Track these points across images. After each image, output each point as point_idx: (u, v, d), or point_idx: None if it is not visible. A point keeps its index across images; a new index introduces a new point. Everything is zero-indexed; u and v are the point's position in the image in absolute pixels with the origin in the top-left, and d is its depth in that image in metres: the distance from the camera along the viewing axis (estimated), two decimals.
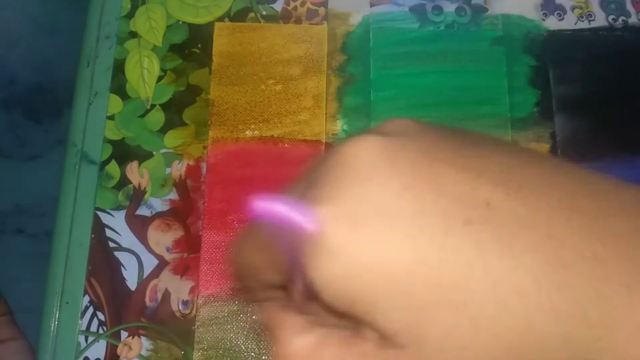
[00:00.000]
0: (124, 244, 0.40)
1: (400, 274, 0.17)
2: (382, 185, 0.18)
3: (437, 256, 0.17)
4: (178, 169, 0.42)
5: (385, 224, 0.17)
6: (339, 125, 0.42)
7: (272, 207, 0.19)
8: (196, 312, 0.39)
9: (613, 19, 0.44)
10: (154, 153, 0.42)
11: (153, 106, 0.43)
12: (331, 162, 0.19)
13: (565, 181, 0.18)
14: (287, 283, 0.21)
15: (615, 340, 0.16)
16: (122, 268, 0.40)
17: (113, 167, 0.42)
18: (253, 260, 0.22)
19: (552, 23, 0.44)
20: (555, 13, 0.44)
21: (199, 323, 0.38)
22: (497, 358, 0.17)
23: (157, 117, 0.43)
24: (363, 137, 0.19)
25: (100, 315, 0.39)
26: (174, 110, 0.43)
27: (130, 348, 0.38)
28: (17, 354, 0.39)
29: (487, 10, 0.44)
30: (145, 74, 0.44)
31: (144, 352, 0.38)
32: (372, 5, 0.44)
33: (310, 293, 0.19)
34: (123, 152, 0.42)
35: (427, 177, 0.18)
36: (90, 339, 0.39)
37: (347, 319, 0.19)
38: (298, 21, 0.44)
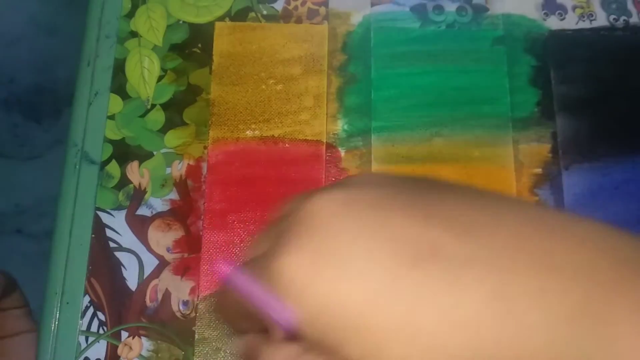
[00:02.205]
0: (125, 244, 0.40)
1: (356, 313, 0.19)
2: (338, 236, 0.20)
3: (388, 294, 0.19)
4: (178, 169, 0.42)
5: (341, 269, 0.19)
6: (340, 125, 0.42)
7: (236, 278, 0.22)
8: (197, 312, 0.39)
9: (614, 18, 0.44)
10: (155, 153, 0.42)
11: (153, 106, 0.43)
12: (296, 217, 0.22)
13: (513, 223, 0.20)
14: (265, 328, 0.23)
15: None
16: (122, 268, 0.40)
17: (113, 167, 0.42)
18: (229, 315, 0.24)
19: (553, 23, 0.44)
20: (557, 13, 0.44)
21: (199, 323, 0.38)
22: None
23: (158, 117, 0.43)
24: (324, 192, 0.21)
25: (101, 316, 0.39)
26: (175, 110, 0.43)
27: (130, 348, 0.38)
28: (33, 346, 0.39)
29: (488, 10, 0.44)
30: (145, 73, 0.44)
31: (144, 353, 0.38)
32: (372, 4, 0.44)
33: (287, 334, 0.21)
34: (123, 152, 0.42)
35: (378, 225, 0.20)
36: (91, 339, 0.39)
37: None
38: (299, 21, 0.44)
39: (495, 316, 0.18)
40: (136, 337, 0.38)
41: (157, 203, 0.41)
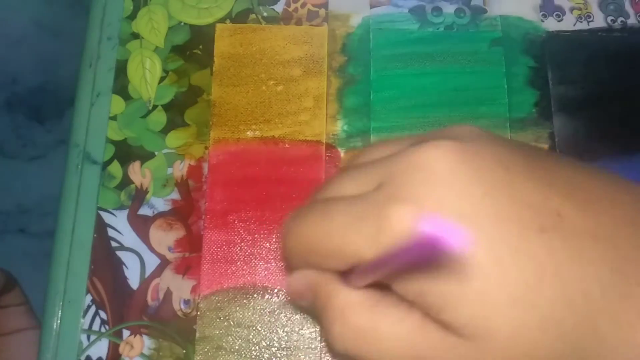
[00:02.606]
0: (126, 244, 0.40)
1: (480, 274, 0.18)
2: (463, 191, 0.19)
3: (512, 258, 0.18)
4: (180, 169, 0.42)
5: (468, 227, 0.18)
6: (339, 126, 0.42)
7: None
8: (198, 311, 0.39)
9: (612, 20, 0.44)
10: (156, 153, 0.42)
11: (155, 107, 0.43)
12: (408, 164, 0.19)
13: (626, 197, 0.19)
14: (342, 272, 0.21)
15: None
16: (124, 267, 0.40)
17: (115, 167, 0.42)
18: (315, 243, 0.21)
19: (551, 24, 0.44)
20: (554, 14, 0.44)
21: (200, 322, 0.39)
22: (561, 358, 0.18)
23: (159, 118, 0.43)
24: (438, 142, 0.20)
25: (102, 314, 0.39)
26: (176, 111, 0.43)
27: (132, 347, 0.39)
28: (34, 343, 0.39)
29: (486, 11, 0.44)
30: (147, 74, 0.44)
31: (145, 351, 0.38)
32: (372, 6, 0.45)
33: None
34: (125, 153, 0.42)
35: (504, 185, 0.19)
36: (92, 337, 0.39)
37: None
38: (299, 22, 0.45)
39: (614, 295, 0.17)
40: (137, 335, 0.39)
41: (159, 203, 0.41)
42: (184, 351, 0.38)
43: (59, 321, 0.39)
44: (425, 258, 0.17)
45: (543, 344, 0.18)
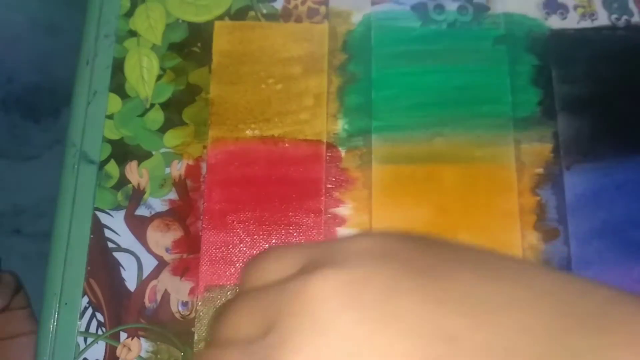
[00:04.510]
0: (123, 245, 0.40)
1: None
2: (349, 333, 0.18)
3: None
4: (178, 169, 0.41)
5: None
6: (340, 125, 0.42)
7: None
8: (196, 313, 0.38)
9: (616, 18, 0.44)
10: (154, 153, 0.42)
11: (152, 105, 0.43)
12: (292, 305, 0.20)
13: (525, 297, 0.19)
14: None
15: None
16: (121, 269, 0.40)
17: (112, 167, 0.42)
18: None
19: (555, 22, 0.44)
20: (558, 12, 0.44)
21: (198, 324, 0.38)
22: None
23: (157, 117, 0.42)
24: (321, 275, 0.20)
25: (100, 316, 0.39)
26: (174, 110, 0.43)
27: (129, 349, 0.38)
28: (34, 348, 0.39)
29: (489, 9, 0.44)
30: (144, 73, 0.43)
31: (143, 354, 0.38)
32: (373, 3, 0.44)
33: None
34: (122, 152, 0.42)
35: (391, 318, 0.19)
36: (90, 340, 0.38)
37: None
38: (299, 20, 0.44)
39: None
40: (135, 338, 0.38)
41: (156, 203, 0.41)
42: (182, 354, 0.38)
43: (55, 323, 0.39)
44: None
45: None
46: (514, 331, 0.18)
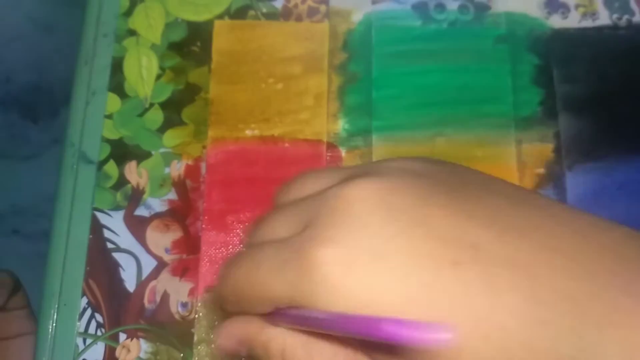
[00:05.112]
0: (123, 245, 0.40)
1: (392, 313, 0.18)
2: (377, 231, 0.20)
3: (426, 295, 0.18)
4: (177, 169, 0.41)
5: (379, 267, 0.19)
6: (340, 125, 0.42)
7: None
8: (195, 313, 0.38)
9: (617, 17, 0.44)
10: (153, 153, 0.41)
11: (152, 105, 0.42)
12: (330, 205, 0.21)
13: (548, 223, 0.20)
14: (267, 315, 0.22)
15: None
16: (120, 269, 0.39)
17: (111, 167, 0.41)
18: (244, 289, 0.23)
19: (556, 21, 0.44)
20: (559, 11, 0.44)
21: (198, 325, 0.38)
22: None
23: (156, 116, 0.42)
24: (359, 181, 0.21)
25: (99, 317, 0.39)
26: (173, 109, 0.42)
27: (128, 350, 0.38)
28: (34, 347, 0.39)
29: (490, 8, 0.44)
30: (143, 72, 0.43)
31: (142, 355, 0.38)
32: (374, 2, 0.44)
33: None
34: (121, 152, 0.42)
35: (419, 222, 0.20)
36: (89, 341, 0.38)
37: None
38: (299, 19, 0.44)
39: (528, 324, 0.17)
40: (134, 339, 0.38)
41: (156, 203, 0.41)
42: (182, 355, 0.38)
43: (54, 324, 0.38)
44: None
45: None
46: (538, 250, 0.19)
